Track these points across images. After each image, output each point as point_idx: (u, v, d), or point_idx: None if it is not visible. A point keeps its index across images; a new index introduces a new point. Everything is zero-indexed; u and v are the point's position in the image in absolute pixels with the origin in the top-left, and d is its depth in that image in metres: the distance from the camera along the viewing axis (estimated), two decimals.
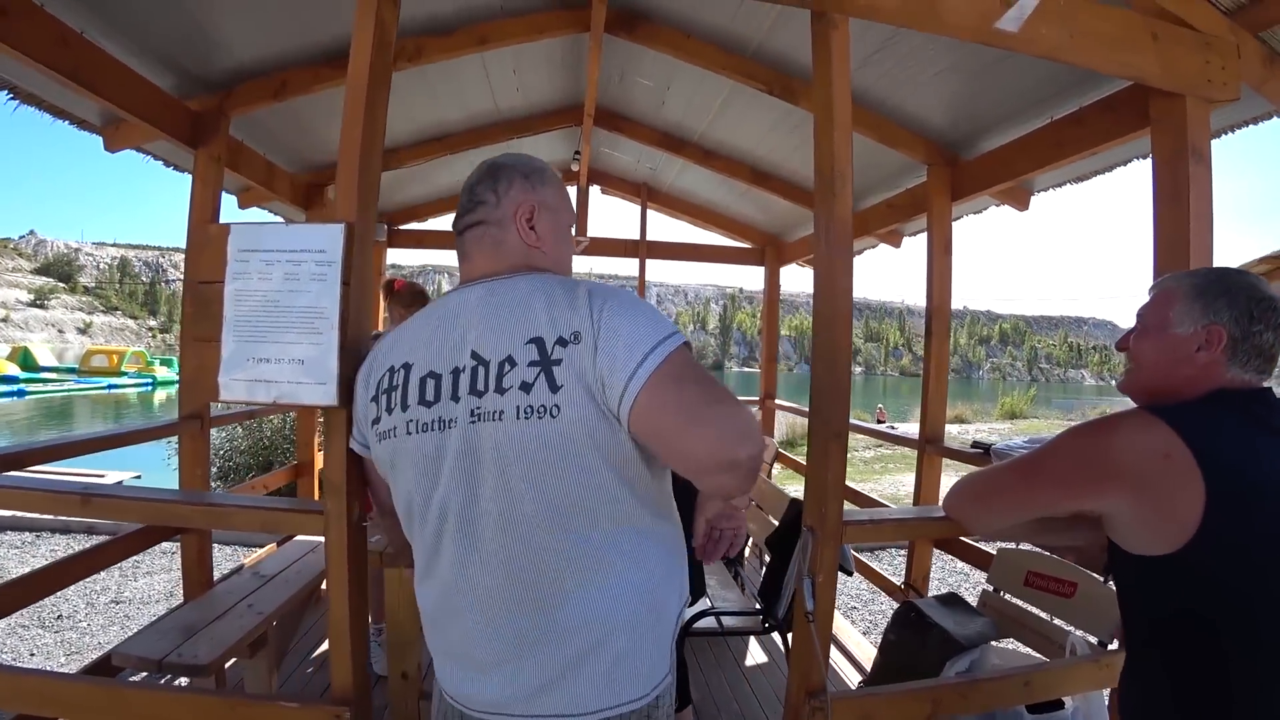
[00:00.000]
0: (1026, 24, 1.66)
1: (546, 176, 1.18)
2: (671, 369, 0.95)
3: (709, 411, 0.94)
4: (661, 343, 0.96)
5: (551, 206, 1.16)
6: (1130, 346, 1.22)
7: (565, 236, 1.19)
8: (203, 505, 1.69)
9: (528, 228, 1.12)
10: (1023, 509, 1.24)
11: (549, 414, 0.97)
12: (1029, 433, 16.69)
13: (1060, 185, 3.15)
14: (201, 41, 2.62)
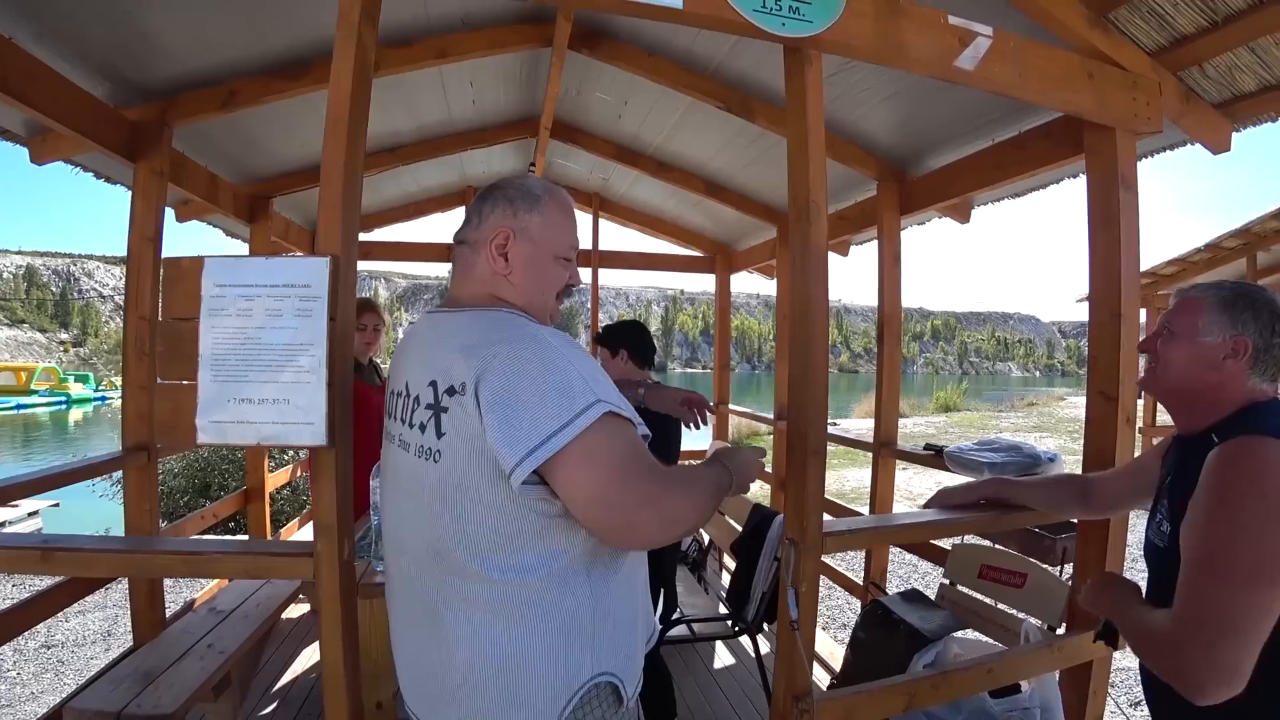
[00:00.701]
0: (981, 63, 1.79)
1: (539, 204, 1.16)
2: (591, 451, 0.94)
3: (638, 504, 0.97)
4: (560, 430, 0.93)
5: (531, 236, 1.14)
6: (1158, 349, 1.33)
7: (542, 269, 1.16)
8: (183, 554, 1.60)
9: (497, 254, 1.14)
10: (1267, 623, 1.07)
11: (433, 458, 1.02)
12: (961, 425, 17.54)
13: (999, 200, 3.37)
14: (142, 48, 2.48)
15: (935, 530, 1.96)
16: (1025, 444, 2.40)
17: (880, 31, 1.61)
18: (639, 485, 0.96)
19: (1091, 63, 2.02)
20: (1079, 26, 2.00)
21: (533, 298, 1.16)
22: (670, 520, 1.00)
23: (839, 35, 1.56)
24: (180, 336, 1.53)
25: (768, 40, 1.53)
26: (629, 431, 1.00)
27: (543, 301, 1.18)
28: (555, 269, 1.18)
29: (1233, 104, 2.31)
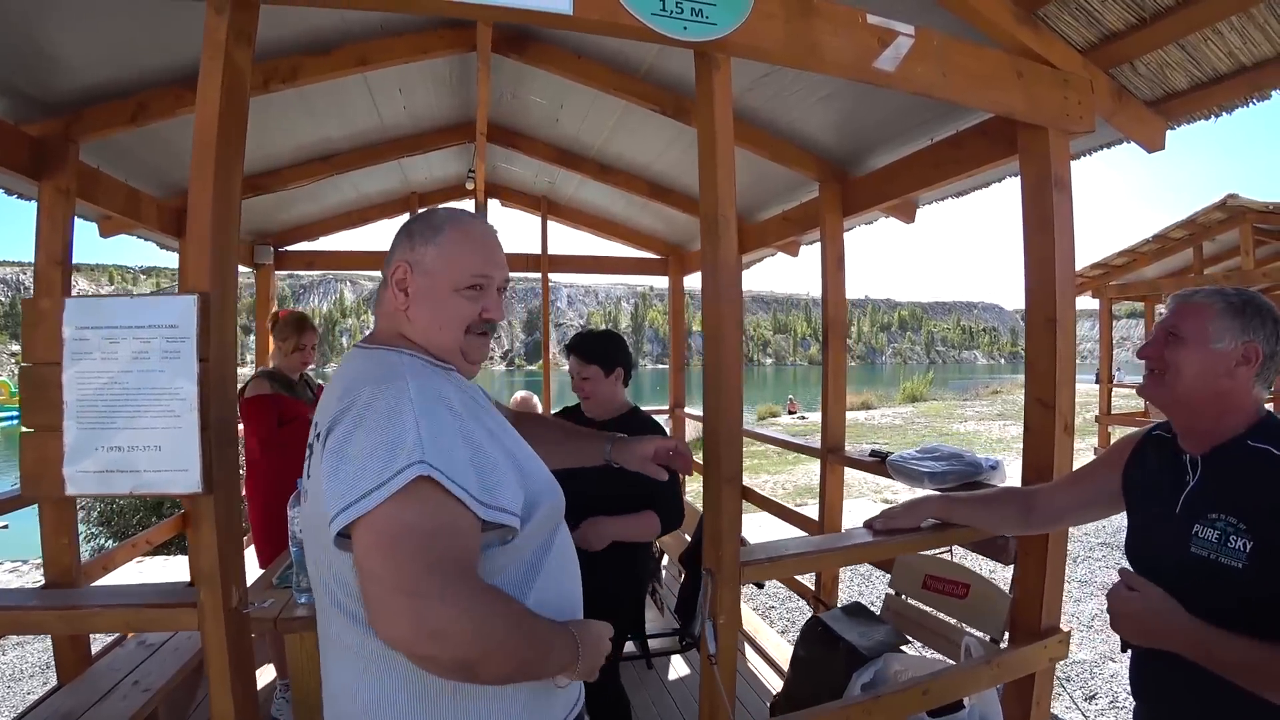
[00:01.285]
0: (902, 63, 1.73)
1: (438, 235, 1.10)
2: (370, 532, 0.87)
3: (396, 591, 0.85)
4: (371, 492, 0.87)
5: (427, 269, 1.09)
6: (1165, 356, 1.26)
7: (439, 303, 1.09)
8: (62, 609, 1.50)
9: (398, 290, 1.10)
10: None
11: (306, 498, 1.05)
12: (928, 414, 17.76)
13: (943, 199, 3.34)
14: (39, 61, 2.33)
15: (859, 554, 1.90)
16: (966, 452, 2.36)
17: (792, 33, 1.54)
18: (407, 568, 0.85)
19: (1021, 61, 1.97)
20: (1007, 24, 1.95)
21: (430, 334, 1.10)
22: (429, 631, 0.84)
23: (746, 38, 1.48)
24: (43, 382, 1.43)
25: (670, 45, 1.45)
26: (440, 507, 0.88)
27: (443, 338, 1.11)
28: (455, 302, 1.10)
29: (1166, 101, 2.29)
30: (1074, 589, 4.98)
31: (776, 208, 3.94)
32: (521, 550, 1.02)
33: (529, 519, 1.00)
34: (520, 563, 1.03)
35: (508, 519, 0.95)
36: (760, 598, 4.87)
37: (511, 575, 1.02)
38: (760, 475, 10.40)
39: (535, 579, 1.04)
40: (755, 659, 3.31)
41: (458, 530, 0.89)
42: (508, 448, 1.04)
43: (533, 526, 1.02)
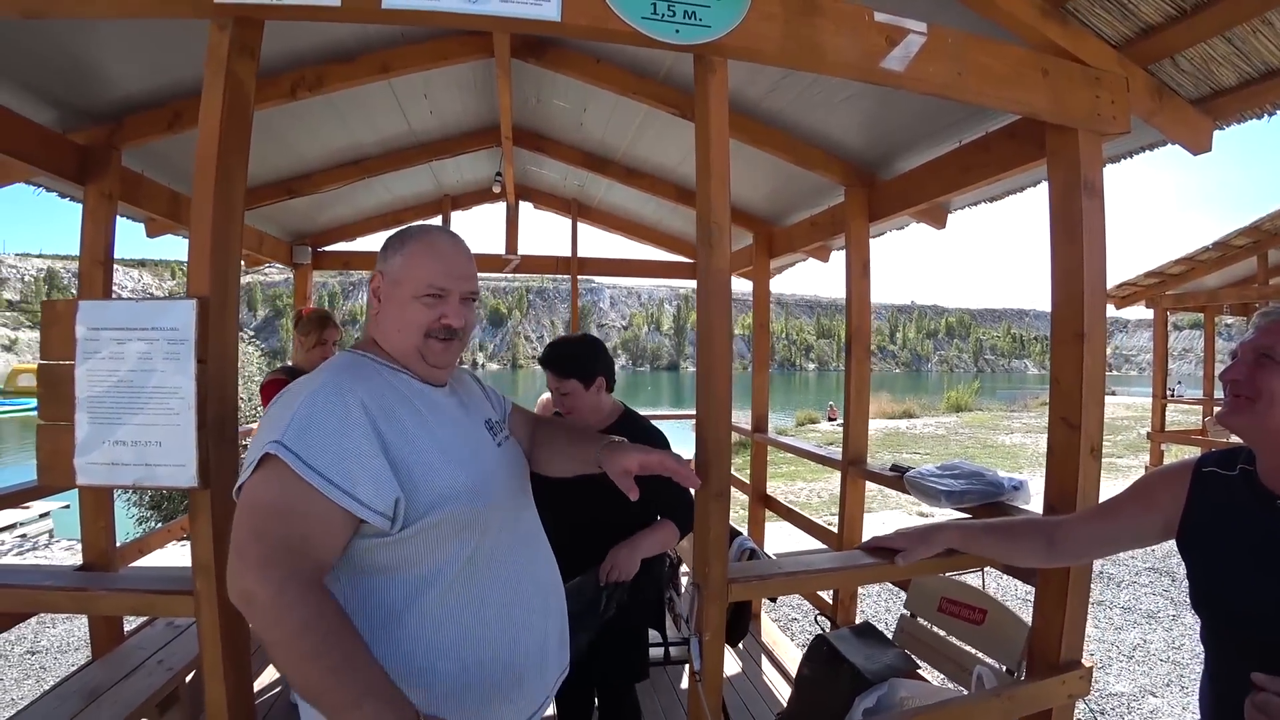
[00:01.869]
0: (913, 63, 1.66)
1: (405, 246, 1.21)
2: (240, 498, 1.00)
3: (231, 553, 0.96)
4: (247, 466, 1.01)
5: (393, 277, 1.20)
6: (1256, 380, 1.12)
7: (400, 309, 1.19)
8: (68, 590, 1.57)
9: (373, 296, 1.24)
10: None
11: None
12: (972, 425, 17.20)
13: (975, 204, 3.21)
14: (83, 75, 2.47)
15: (852, 577, 1.83)
16: (988, 471, 2.24)
17: (792, 34, 1.49)
18: (241, 533, 0.96)
19: (1047, 58, 1.87)
20: (1031, 19, 1.85)
21: (391, 336, 1.21)
22: (239, 590, 0.93)
23: (742, 40, 1.44)
24: (60, 379, 1.50)
25: (663, 49, 1.42)
26: (286, 487, 0.97)
27: (402, 341, 1.20)
28: (414, 308, 1.18)
29: (1212, 100, 2.14)
30: (1116, 615, 4.73)
31: (804, 212, 3.86)
32: (414, 554, 1.06)
33: (418, 520, 1.04)
34: (415, 567, 1.06)
35: (363, 512, 1.00)
36: (782, 608, 4.77)
37: (401, 579, 1.06)
38: (796, 482, 10.23)
39: (430, 591, 1.07)
40: (771, 673, 3.24)
41: (297, 511, 0.97)
42: (419, 446, 1.09)
43: (424, 530, 1.05)
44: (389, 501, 1.02)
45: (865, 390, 3.07)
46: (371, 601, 1.05)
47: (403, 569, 1.06)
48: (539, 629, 1.18)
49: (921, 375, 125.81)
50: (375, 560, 1.05)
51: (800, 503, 8.44)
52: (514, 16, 1.31)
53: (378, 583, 1.06)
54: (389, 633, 1.04)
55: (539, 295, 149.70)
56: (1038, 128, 2.02)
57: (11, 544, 6.51)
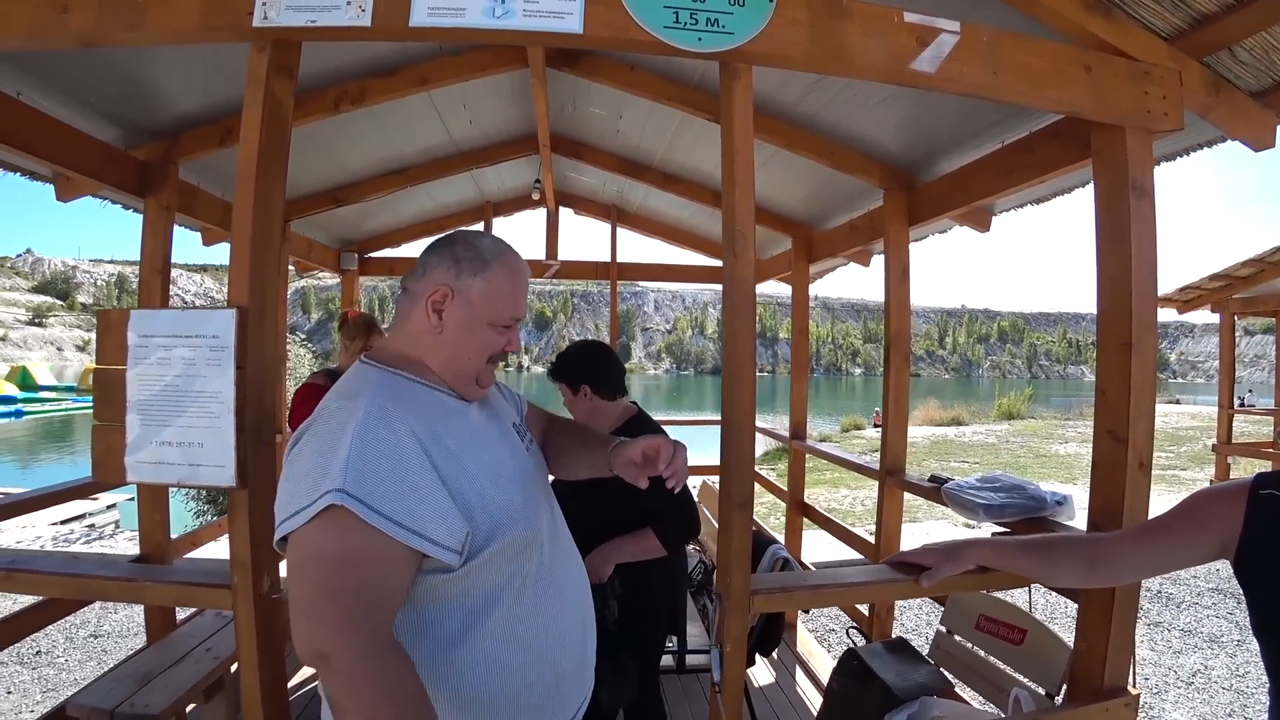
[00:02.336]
0: (945, 63, 1.61)
1: (486, 270, 1.12)
2: (292, 551, 0.92)
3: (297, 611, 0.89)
4: (297, 513, 0.90)
5: (472, 301, 1.11)
6: None
7: (474, 335, 1.12)
8: (119, 580, 1.66)
9: (432, 310, 1.11)
10: None
11: None
12: (1024, 433, 16.60)
13: (1021, 206, 3.11)
14: (141, 94, 2.61)
15: (877, 593, 1.78)
16: (1030, 485, 2.15)
17: (818, 37, 1.47)
18: (308, 592, 0.88)
19: (1090, 54, 1.80)
20: (1073, 13, 1.77)
21: (454, 361, 1.13)
22: (316, 653, 0.86)
23: (766, 46, 1.43)
24: (113, 382, 1.58)
25: (687, 57, 1.42)
26: (352, 536, 0.89)
27: (464, 367, 1.14)
28: (488, 335, 1.14)
29: (1275, 92, 2.02)
30: (1175, 639, 4.48)
31: (843, 216, 3.79)
32: (474, 582, 1.01)
33: (481, 550, 0.99)
34: (474, 594, 1.02)
35: (436, 551, 0.94)
36: (821, 619, 4.68)
37: (460, 605, 1.01)
38: (840, 490, 10.03)
39: (489, 615, 1.02)
40: (805, 684, 3.18)
41: (369, 560, 0.90)
42: (470, 473, 1.03)
43: (488, 559, 1.00)
44: (460, 538, 0.97)
45: (904, 397, 3.00)
46: (430, 629, 1.01)
47: (461, 597, 1.01)
48: (578, 640, 1.16)
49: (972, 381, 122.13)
50: (434, 593, 1.00)
51: (843, 511, 8.28)
52: (537, 30, 1.33)
53: (436, 611, 1.01)
54: (448, 657, 1.00)
55: (583, 299, 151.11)
56: (1083, 126, 1.94)
57: (80, 533, 6.89)
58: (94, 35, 1.54)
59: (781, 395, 32.77)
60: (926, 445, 15.04)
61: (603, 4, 1.35)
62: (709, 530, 3.96)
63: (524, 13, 1.32)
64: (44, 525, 6.87)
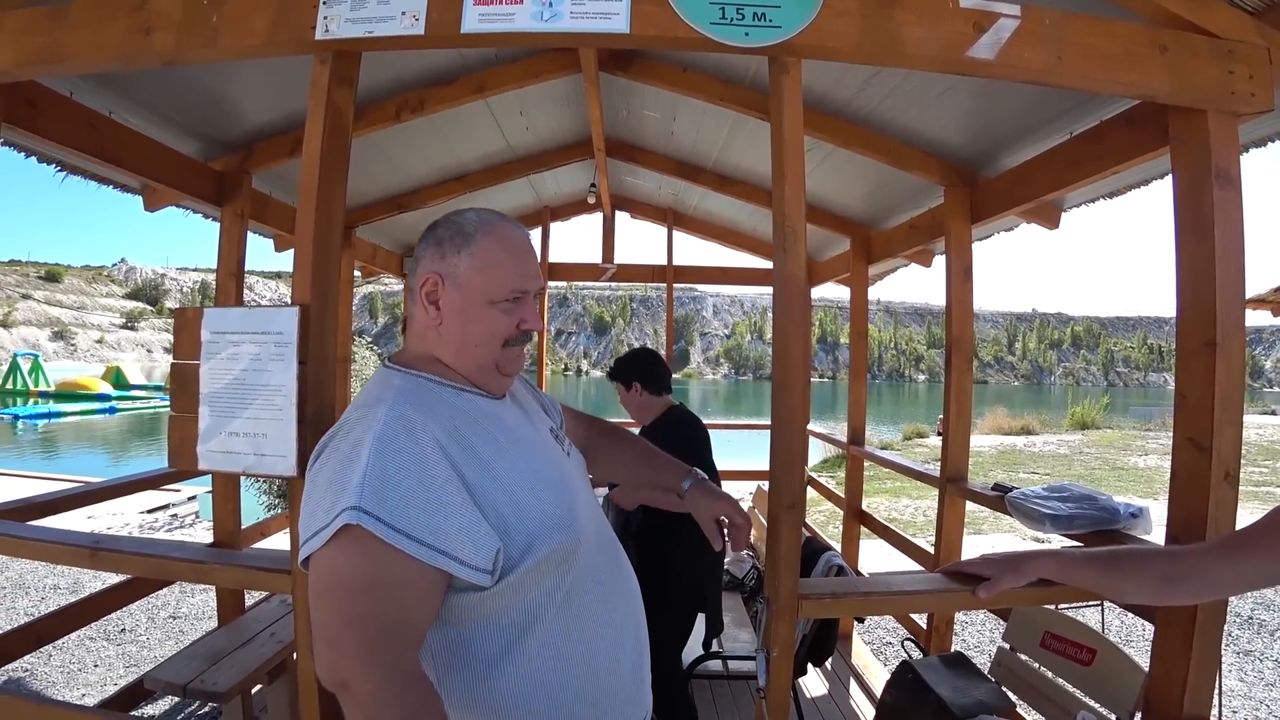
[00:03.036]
0: (1005, 49, 1.54)
1: (470, 243, 1.03)
2: (312, 574, 0.87)
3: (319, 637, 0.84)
4: (317, 533, 0.85)
5: (461, 281, 1.02)
6: None
7: (474, 317, 1.03)
8: (190, 561, 1.78)
9: (428, 303, 1.04)
10: None
11: None
12: (1099, 444, 15.70)
13: (1092, 201, 2.95)
14: (219, 109, 2.77)
15: (933, 603, 1.70)
16: (1102, 496, 2.01)
17: (868, 28, 1.43)
18: (329, 618, 0.83)
19: (1165, 32, 1.68)
20: None
21: (464, 350, 1.04)
22: (337, 681, 0.82)
23: (815, 38, 1.40)
24: (188, 376, 1.68)
25: (733, 53, 1.41)
26: (372, 558, 0.83)
27: (477, 355, 1.05)
28: (492, 315, 1.04)
29: None
30: (1268, 669, 4.11)
31: (903, 215, 3.69)
32: (510, 600, 0.94)
33: (517, 565, 0.92)
34: (511, 612, 0.95)
35: (463, 571, 0.88)
36: (877, 630, 4.54)
37: (497, 625, 0.94)
38: (901, 499, 9.72)
39: (529, 634, 0.95)
40: (859, 697, 3.09)
41: (391, 583, 0.84)
42: (504, 482, 0.95)
43: (525, 574, 0.93)
44: (490, 556, 0.89)
45: (967, 402, 2.88)
46: (466, 652, 0.94)
47: (498, 615, 0.94)
48: (631, 652, 1.08)
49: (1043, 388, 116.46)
50: (467, 613, 0.93)
51: (904, 521, 8.02)
52: (585, 31, 1.35)
53: (473, 631, 0.94)
54: (489, 679, 0.93)
55: (642, 304, 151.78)
56: (1159, 112, 1.82)
57: (164, 521, 7.37)
58: (175, 54, 1.65)
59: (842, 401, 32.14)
60: (993, 455, 14.42)
61: (649, 2, 1.36)
62: (763, 536, 3.91)
63: (571, 14, 1.34)
64: (132, 514, 7.36)
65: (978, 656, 3.95)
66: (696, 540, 2.36)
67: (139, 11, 1.66)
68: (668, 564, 2.37)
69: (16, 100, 1.98)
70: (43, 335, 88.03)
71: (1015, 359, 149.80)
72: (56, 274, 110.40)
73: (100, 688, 3.64)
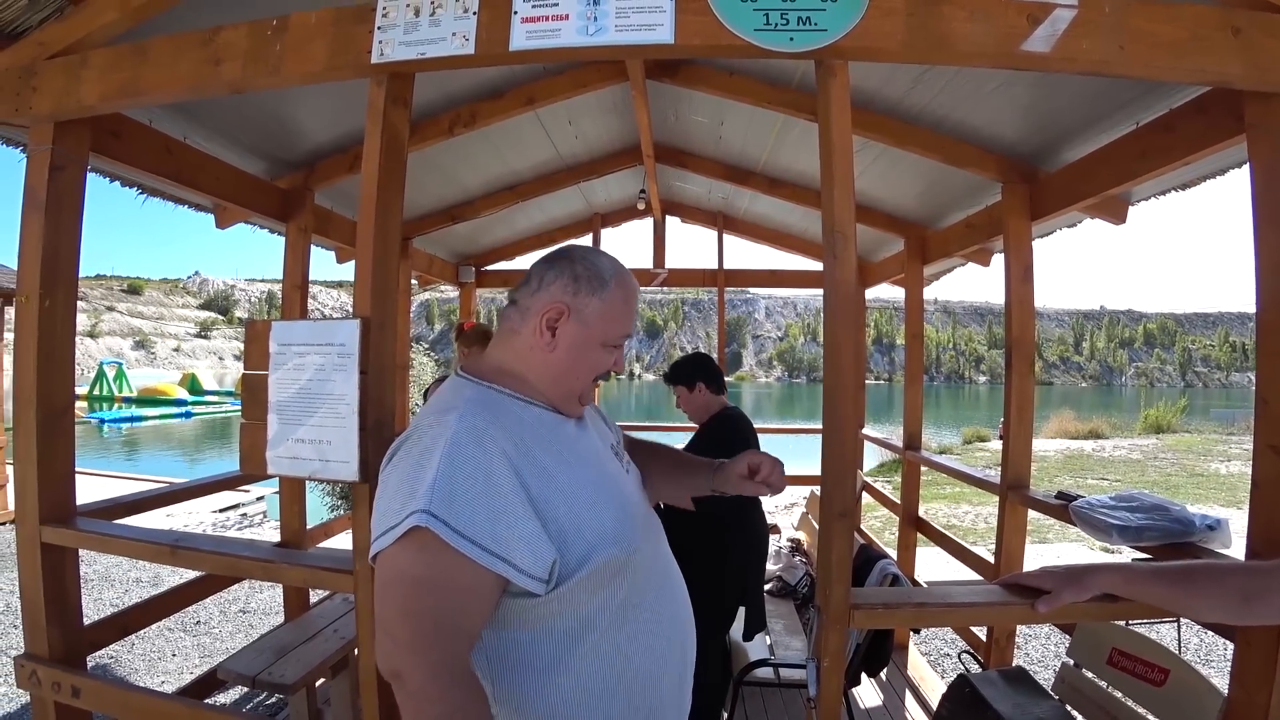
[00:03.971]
0: (1060, 41, 1.48)
1: (604, 290, 1.10)
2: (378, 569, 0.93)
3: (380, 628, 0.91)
4: (386, 532, 0.91)
5: (586, 320, 1.09)
6: None
7: (586, 354, 1.10)
8: (260, 560, 1.87)
9: (545, 328, 1.09)
10: None
11: None
12: (1175, 449, 14.82)
13: (1163, 194, 2.80)
14: (283, 130, 2.92)
15: (991, 615, 1.63)
16: (1175, 506, 1.89)
17: (916, 26, 1.40)
18: (389, 610, 0.89)
19: (1237, 13, 1.58)
20: None
21: (561, 379, 1.11)
22: (391, 670, 0.87)
23: (862, 39, 1.38)
24: (257, 386, 1.77)
25: (779, 58, 1.40)
26: (435, 559, 0.88)
27: (569, 385, 1.12)
28: (600, 355, 1.13)
29: None
30: None
31: (959, 213, 3.58)
32: (566, 608, 0.98)
33: (572, 575, 0.96)
34: (566, 620, 0.98)
35: (520, 578, 0.92)
36: (935, 642, 4.40)
37: (551, 632, 0.98)
38: (960, 505, 9.41)
39: (582, 643, 0.99)
40: (915, 710, 3.01)
41: (450, 584, 0.89)
42: (566, 494, 0.99)
43: (579, 584, 0.97)
44: (546, 565, 0.94)
45: (1029, 406, 2.77)
46: (517, 657, 0.98)
47: (553, 622, 0.98)
48: (677, 666, 1.10)
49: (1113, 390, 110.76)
50: (523, 618, 0.97)
51: (964, 529, 7.76)
52: (630, 44, 1.37)
53: (525, 637, 0.98)
54: (541, 688, 0.97)
55: (694, 307, 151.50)
56: (1233, 98, 1.72)
57: (235, 520, 7.76)
58: (242, 82, 1.75)
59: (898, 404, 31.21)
60: (1059, 460, 13.79)
61: (693, 12, 1.37)
62: (817, 543, 3.86)
63: (616, 28, 1.36)
64: (206, 512, 7.77)
65: (1041, 672, 3.79)
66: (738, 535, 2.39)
67: (209, 45, 1.77)
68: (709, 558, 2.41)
69: (102, 131, 2.13)
70: (125, 344, 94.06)
71: (1082, 359, 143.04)
72: (138, 287, 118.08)
73: (177, 676, 3.86)
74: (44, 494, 2.00)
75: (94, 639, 2.36)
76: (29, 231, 1.99)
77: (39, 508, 1.99)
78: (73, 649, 2.06)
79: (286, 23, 1.70)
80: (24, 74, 1.98)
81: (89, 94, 1.91)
